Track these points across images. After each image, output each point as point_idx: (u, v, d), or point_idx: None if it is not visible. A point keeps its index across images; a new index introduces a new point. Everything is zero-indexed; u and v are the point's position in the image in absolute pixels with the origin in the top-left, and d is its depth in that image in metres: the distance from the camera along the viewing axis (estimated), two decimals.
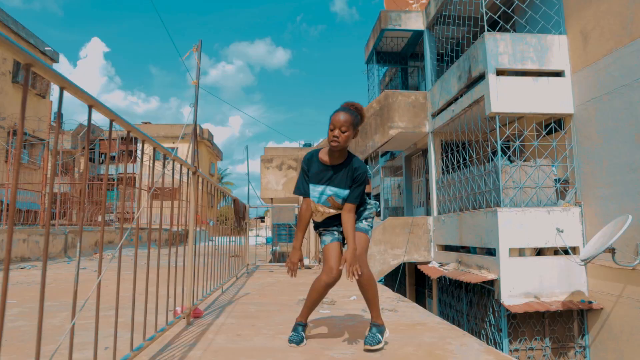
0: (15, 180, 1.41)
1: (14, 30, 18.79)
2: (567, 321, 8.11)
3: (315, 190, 2.69)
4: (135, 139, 2.36)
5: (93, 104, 1.65)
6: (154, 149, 2.48)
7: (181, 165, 3.30)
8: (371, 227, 2.82)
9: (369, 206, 2.83)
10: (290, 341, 2.64)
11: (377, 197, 20.54)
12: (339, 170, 2.65)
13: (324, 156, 2.68)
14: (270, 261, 10.44)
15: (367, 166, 20.76)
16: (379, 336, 2.58)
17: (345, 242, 2.71)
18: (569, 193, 8.51)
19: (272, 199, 11.98)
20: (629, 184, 7.16)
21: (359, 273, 2.44)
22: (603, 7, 7.78)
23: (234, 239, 6.28)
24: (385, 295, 4.65)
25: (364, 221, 2.78)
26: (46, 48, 21.31)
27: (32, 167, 20.55)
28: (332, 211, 2.71)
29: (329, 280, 2.63)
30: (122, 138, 38.64)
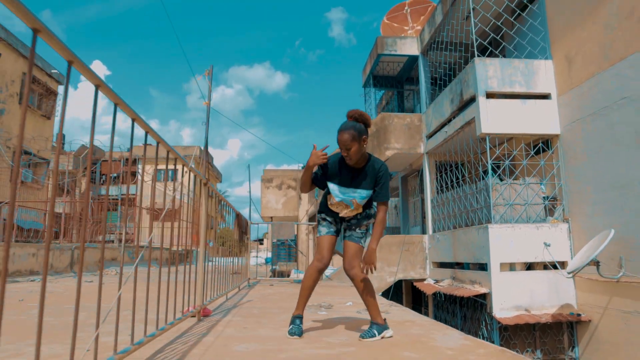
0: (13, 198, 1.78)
1: (23, 53, 19.35)
2: (558, 333, 8.39)
3: (341, 190, 2.95)
4: (135, 160, 2.73)
5: (118, 102, 1.92)
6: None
7: (195, 176, 3.67)
8: (364, 235, 3.08)
9: (372, 211, 3.10)
10: (292, 334, 2.91)
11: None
12: (362, 172, 2.94)
13: (349, 160, 2.94)
14: (271, 277, 10.72)
15: None
16: (375, 332, 2.86)
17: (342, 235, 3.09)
18: (557, 210, 8.87)
19: (272, 217, 12.32)
20: (612, 200, 7.53)
21: (372, 271, 2.83)
22: (584, 34, 8.28)
23: (235, 260, 6.61)
24: (380, 302, 4.97)
25: (357, 230, 3.06)
26: (52, 71, 21.88)
27: (35, 187, 20.87)
28: (348, 212, 3.00)
29: (320, 265, 2.98)
30: (126, 159, 39.06)
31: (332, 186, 2.98)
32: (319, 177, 3.03)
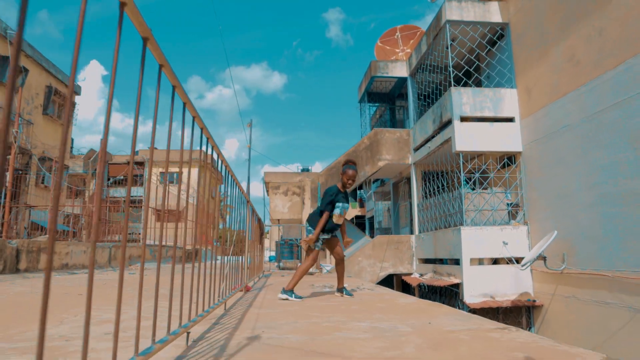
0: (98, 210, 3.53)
1: (46, 67, 21.07)
2: (517, 316, 10.17)
3: (341, 207, 4.77)
4: (141, 164, 4.40)
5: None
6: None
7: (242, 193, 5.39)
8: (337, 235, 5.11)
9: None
10: (298, 297, 4.63)
11: (371, 219, 22.64)
12: (346, 193, 4.90)
13: (341, 188, 4.83)
14: (279, 270, 12.48)
15: (362, 191, 22.88)
16: (349, 291, 4.83)
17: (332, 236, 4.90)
18: (519, 215, 10.66)
19: (279, 220, 14.09)
20: (557, 208, 9.33)
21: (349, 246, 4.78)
22: (540, 70, 10.06)
23: (243, 257, 8.33)
24: (368, 286, 6.75)
25: (337, 234, 5.03)
26: None
27: (51, 190, 22.53)
28: (341, 219, 4.86)
29: (312, 266, 4.83)
30: (129, 162, 40.46)
31: (339, 205, 4.79)
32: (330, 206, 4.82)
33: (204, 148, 2.76)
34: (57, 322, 2.99)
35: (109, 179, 38.33)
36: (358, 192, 26.14)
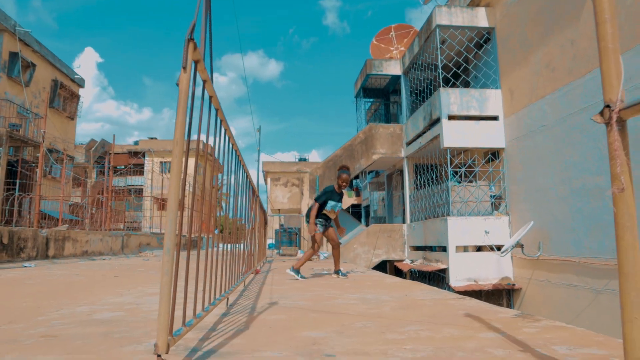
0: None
1: (52, 62, 21.73)
2: (499, 299, 11.13)
3: (335, 204, 5.66)
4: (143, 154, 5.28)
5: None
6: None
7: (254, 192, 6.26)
8: (333, 225, 5.91)
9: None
10: (302, 277, 5.56)
11: (367, 208, 23.58)
12: (341, 195, 5.71)
13: (337, 189, 5.68)
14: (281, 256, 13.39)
15: (358, 180, 23.78)
16: (345, 273, 5.71)
17: (327, 226, 5.77)
18: (501, 206, 11.58)
19: (279, 209, 14.98)
20: (535, 201, 10.24)
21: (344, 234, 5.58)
22: (521, 73, 10.91)
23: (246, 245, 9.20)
24: (360, 269, 7.66)
25: (332, 223, 5.84)
26: (75, 76, 24.25)
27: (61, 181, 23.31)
28: (334, 214, 5.74)
29: (317, 250, 5.67)
30: (130, 152, 41.15)
31: (332, 203, 5.66)
32: (322, 203, 5.70)
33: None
34: (118, 295, 3.87)
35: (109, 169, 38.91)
36: (354, 181, 27.12)
